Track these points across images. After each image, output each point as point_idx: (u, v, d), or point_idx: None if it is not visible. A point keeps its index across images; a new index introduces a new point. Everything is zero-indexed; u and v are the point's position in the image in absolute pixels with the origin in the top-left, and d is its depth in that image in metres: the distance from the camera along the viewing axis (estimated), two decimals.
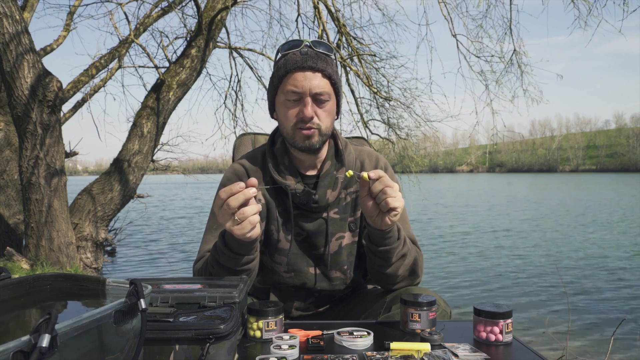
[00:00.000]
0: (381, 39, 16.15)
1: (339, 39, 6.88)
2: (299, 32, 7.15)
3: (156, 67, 5.78)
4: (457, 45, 6.73)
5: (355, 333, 1.02)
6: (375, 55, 7.06)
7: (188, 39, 6.08)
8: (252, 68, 7.83)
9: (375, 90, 7.06)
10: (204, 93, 55.53)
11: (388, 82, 7.20)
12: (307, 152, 1.27)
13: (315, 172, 1.33)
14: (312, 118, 1.22)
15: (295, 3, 7.20)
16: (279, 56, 1.28)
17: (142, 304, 0.63)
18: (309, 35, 7.09)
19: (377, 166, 1.38)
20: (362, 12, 27.35)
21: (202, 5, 5.71)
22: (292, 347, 0.93)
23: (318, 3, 6.43)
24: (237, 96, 8.07)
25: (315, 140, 1.24)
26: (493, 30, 11.83)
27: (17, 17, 4.29)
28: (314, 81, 1.21)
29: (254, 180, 1.05)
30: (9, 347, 0.45)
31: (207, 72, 9.35)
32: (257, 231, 1.09)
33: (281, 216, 1.31)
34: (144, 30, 6.75)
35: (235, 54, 7.66)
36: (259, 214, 1.07)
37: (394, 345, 0.95)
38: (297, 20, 7.12)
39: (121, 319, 0.59)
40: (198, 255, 1.31)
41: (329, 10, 6.70)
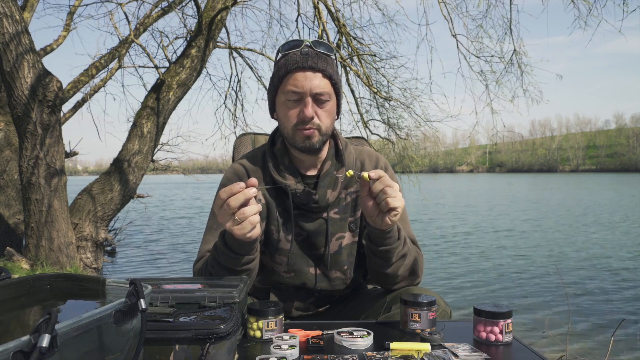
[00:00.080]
0: (381, 39, 16.12)
1: (339, 39, 6.87)
2: (299, 32, 7.15)
3: (156, 67, 5.78)
4: (457, 45, 6.74)
5: (355, 333, 1.02)
6: (375, 55, 7.07)
7: (188, 39, 6.08)
8: (252, 68, 7.84)
9: (375, 90, 7.06)
10: (204, 93, 55.62)
11: (388, 82, 7.20)
12: (308, 152, 1.27)
13: (315, 172, 1.33)
14: (312, 118, 1.22)
15: (295, 3, 7.21)
16: (280, 56, 1.27)
17: (142, 304, 0.63)
18: (309, 35, 7.08)
19: (377, 166, 1.38)
20: (362, 12, 27.37)
21: (202, 5, 5.71)
22: (292, 347, 0.93)
23: (318, 3, 6.43)
24: (237, 96, 8.08)
25: (315, 140, 1.24)
26: (493, 30, 11.81)
27: (17, 17, 4.29)
28: (315, 81, 1.21)
29: (254, 180, 1.05)
30: (9, 347, 0.45)
31: (207, 72, 9.36)
32: (257, 231, 1.09)
33: (281, 216, 1.31)
34: (144, 30, 6.75)
35: (235, 54, 7.66)
36: (259, 214, 1.07)
37: (394, 345, 0.95)
38: (297, 20, 7.13)
39: (121, 319, 0.59)
40: (198, 255, 1.31)
41: (329, 10, 6.69)
